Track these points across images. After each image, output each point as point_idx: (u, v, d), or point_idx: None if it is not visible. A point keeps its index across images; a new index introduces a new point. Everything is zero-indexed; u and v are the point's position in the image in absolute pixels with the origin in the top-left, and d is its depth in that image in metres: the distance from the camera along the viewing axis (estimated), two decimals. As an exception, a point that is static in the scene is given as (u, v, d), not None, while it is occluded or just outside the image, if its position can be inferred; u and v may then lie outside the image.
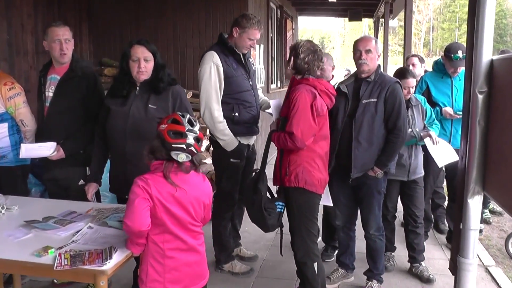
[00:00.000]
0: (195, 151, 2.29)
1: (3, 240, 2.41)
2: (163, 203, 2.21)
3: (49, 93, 3.40)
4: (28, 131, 3.66)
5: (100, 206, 2.97)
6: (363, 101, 3.31)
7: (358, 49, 3.36)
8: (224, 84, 3.57)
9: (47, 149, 3.22)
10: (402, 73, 3.76)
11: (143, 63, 2.95)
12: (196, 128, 2.31)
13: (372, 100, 3.29)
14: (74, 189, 3.37)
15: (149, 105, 3.00)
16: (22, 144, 3.18)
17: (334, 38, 70.68)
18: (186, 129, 2.25)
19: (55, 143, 3.25)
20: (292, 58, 3.11)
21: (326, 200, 3.34)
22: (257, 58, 7.32)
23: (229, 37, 3.66)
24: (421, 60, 5.42)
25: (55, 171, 3.40)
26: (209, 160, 5.32)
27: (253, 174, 3.22)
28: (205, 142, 5.55)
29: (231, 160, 3.68)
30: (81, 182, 3.36)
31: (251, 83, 3.75)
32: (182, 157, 2.25)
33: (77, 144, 3.34)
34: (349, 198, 3.55)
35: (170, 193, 2.23)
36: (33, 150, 3.21)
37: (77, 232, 2.46)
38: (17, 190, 3.59)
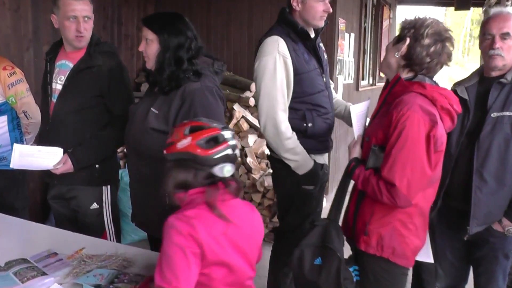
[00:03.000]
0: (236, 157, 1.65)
1: None
2: (214, 250, 1.52)
3: (57, 84, 2.56)
4: (31, 124, 2.97)
5: (99, 245, 2.10)
6: (492, 115, 2.18)
7: (490, 33, 2.21)
8: (294, 83, 2.52)
9: (49, 158, 2.39)
10: None
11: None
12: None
13: (508, 113, 2.16)
14: (83, 214, 2.57)
15: (152, 109, 2.12)
16: (15, 145, 2.34)
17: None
18: (220, 127, 1.61)
19: (61, 150, 2.41)
20: (408, 41, 1.94)
21: (425, 254, 2.25)
22: (346, 49, 6.23)
23: (291, 13, 2.56)
24: None
25: (62, 188, 2.60)
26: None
27: (317, 224, 2.06)
28: (253, 137, 4.59)
29: (303, 187, 2.62)
30: (95, 205, 2.55)
31: (324, 79, 2.65)
32: (228, 169, 1.58)
33: (91, 154, 2.49)
34: (460, 256, 2.41)
35: (222, 231, 1.55)
36: (29, 156, 2.37)
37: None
38: (19, 198, 2.97)
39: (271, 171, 4.45)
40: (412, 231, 1.92)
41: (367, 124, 2.20)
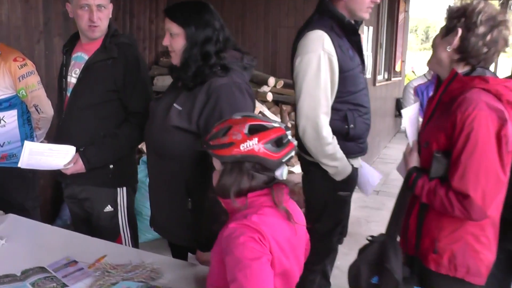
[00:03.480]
0: None
1: None
2: (281, 259, 1.42)
3: (72, 78, 2.38)
4: (42, 119, 2.83)
5: (122, 252, 1.94)
6: None
7: None
8: (338, 81, 2.31)
9: (60, 156, 2.21)
10: None
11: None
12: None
13: None
14: (97, 216, 2.40)
15: (174, 105, 1.94)
16: (26, 143, 2.16)
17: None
18: (283, 126, 1.51)
19: (73, 149, 2.23)
20: (460, 32, 1.70)
21: None
22: (364, 43, 6.04)
23: (333, 3, 2.32)
24: None
25: (75, 188, 2.43)
26: (297, 168, 4.20)
27: (373, 241, 1.85)
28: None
29: (339, 193, 2.41)
30: (109, 208, 2.38)
31: (365, 76, 2.45)
32: (285, 172, 1.51)
33: (104, 154, 2.30)
34: (503, 267, 2.17)
35: (287, 238, 1.45)
36: (39, 154, 2.18)
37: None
38: (29, 197, 2.83)
39: (290, 168, 4.33)
40: (486, 245, 1.72)
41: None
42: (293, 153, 1.49)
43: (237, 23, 5.46)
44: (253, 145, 1.42)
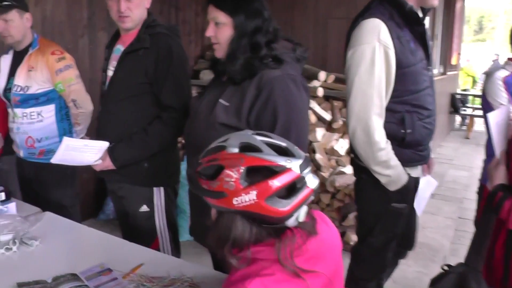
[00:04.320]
0: None
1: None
2: None
3: (110, 71, 2.27)
4: (81, 115, 2.71)
5: (160, 261, 1.77)
6: None
7: None
8: (395, 79, 2.03)
9: (93, 152, 2.12)
10: None
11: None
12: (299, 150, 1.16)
13: None
14: (133, 215, 2.28)
15: (220, 100, 1.75)
16: (65, 138, 2.06)
17: (496, 17, 62.31)
18: (298, 164, 1.10)
19: (107, 144, 2.14)
20: None
21: None
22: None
23: None
24: None
25: (114, 185, 2.34)
26: (348, 169, 3.95)
27: (450, 271, 1.58)
28: (321, 131, 4.16)
29: (393, 205, 2.15)
30: (144, 208, 2.24)
31: (430, 73, 2.14)
32: (304, 213, 1.15)
33: (131, 152, 2.17)
34: None
35: None
36: (74, 150, 2.08)
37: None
38: (67, 195, 2.74)
39: (341, 169, 4.08)
40: None
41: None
42: (311, 198, 1.14)
43: (286, 15, 5.27)
44: (250, 200, 1.08)
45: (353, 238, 3.65)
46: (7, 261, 1.75)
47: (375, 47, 1.95)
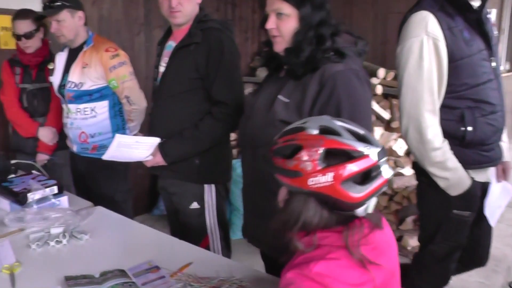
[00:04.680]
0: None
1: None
2: None
3: (162, 67, 2.25)
4: (134, 111, 2.70)
5: (210, 260, 1.70)
6: None
7: None
8: (448, 72, 1.92)
9: (144, 148, 2.10)
10: None
11: None
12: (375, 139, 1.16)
13: None
14: (183, 212, 2.25)
15: (279, 97, 1.65)
16: (117, 135, 2.06)
17: None
18: (375, 152, 1.09)
19: (158, 140, 2.12)
20: None
21: None
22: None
23: None
24: None
25: (165, 180, 2.31)
26: (407, 170, 3.76)
27: None
28: (379, 130, 3.97)
29: (454, 211, 2.00)
30: (195, 205, 2.19)
31: (493, 64, 1.98)
32: (373, 204, 1.15)
33: (182, 148, 2.15)
34: None
35: None
36: (125, 147, 2.07)
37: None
38: (119, 190, 2.76)
39: (399, 170, 3.89)
40: None
41: None
42: (384, 189, 1.12)
43: (344, 9, 5.10)
44: (326, 182, 1.07)
45: (411, 242, 3.51)
46: (57, 253, 1.74)
47: (423, 40, 1.87)
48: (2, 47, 3.30)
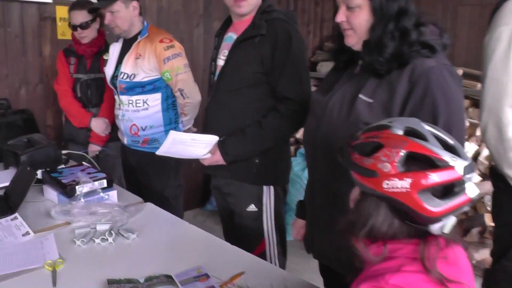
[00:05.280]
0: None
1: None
2: None
3: (220, 60, 2.11)
4: (188, 105, 2.60)
5: (263, 269, 1.55)
6: None
7: None
8: None
9: (201, 146, 1.96)
10: None
11: None
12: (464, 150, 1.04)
13: None
14: (239, 214, 2.11)
15: (360, 96, 1.44)
16: (171, 132, 1.93)
17: None
18: (463, 165, 0.97)
19: (216, 138, 1.97)
20: None
21: None
22: None
23: None
24: None
25: (220, 180, 2.16)
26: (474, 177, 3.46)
27: None
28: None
29: None
30: (252, 207, 2.05)
31: None
32: (449, 225, 1.00)
33: (244, 147, 2.00)
34: None
35: None
36: (180, 144, 1.95)
37: None
38: (170, 185, 2.65)
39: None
40: None
41: None
42: (465, 208, 1.00)
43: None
44: (402, 188, 0.96)
45: (476, 256, 3.27)
46: (102, 252, 1.66)
47: None
48: (59, 37, 3.34)
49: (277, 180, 2.09)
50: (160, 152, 1.96)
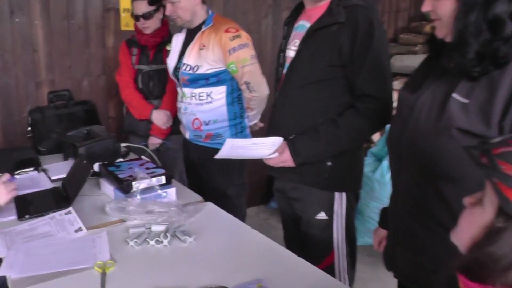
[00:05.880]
0: None
1: None
2: None
3: (290, 51, 1.90)
4: (254, 99, 2.42)
5: (329, 286, 1.36)
6: None
7: None
8: None
9: (265, 148, 1.79)
10: None
11: None
12: None
13: None
14: (306, 222, 1.91)
15: (454, 95, 1.20)
16: (228, 140, 1.81)
17: None
18: None
19: (280, 140, 1.80)
20: None
21: None
22: None
23: None
24: None
25: (285, 183, 1.97)
26: None
27: None
28: None
29: None
30: (322, 215, 1.86)
31: None
32: None
33: (317, 147, 1.79)
34: None
35: None
36: (240, 148, 1.82)
37: None
38: (233, 183, 2.51)
39: None
40: None
41: None
42: None
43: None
44: None
45: None
46: (155, 255, 1.54)
47: None
48: (122, 28, 3.29)
49: (350, 186, 1.88)
50: (219, 156, 1.82)
